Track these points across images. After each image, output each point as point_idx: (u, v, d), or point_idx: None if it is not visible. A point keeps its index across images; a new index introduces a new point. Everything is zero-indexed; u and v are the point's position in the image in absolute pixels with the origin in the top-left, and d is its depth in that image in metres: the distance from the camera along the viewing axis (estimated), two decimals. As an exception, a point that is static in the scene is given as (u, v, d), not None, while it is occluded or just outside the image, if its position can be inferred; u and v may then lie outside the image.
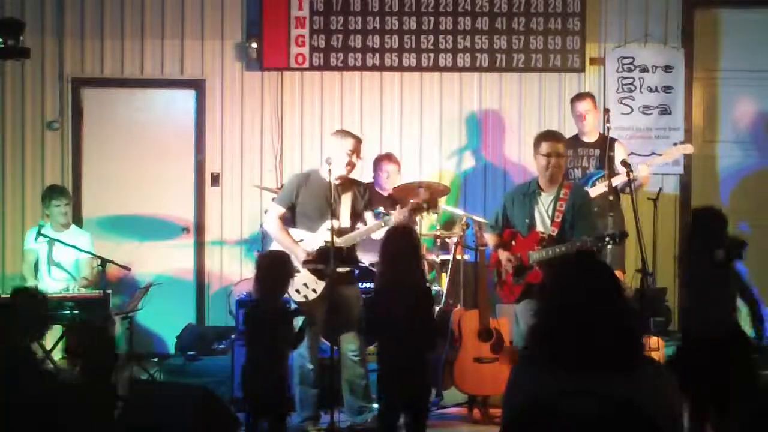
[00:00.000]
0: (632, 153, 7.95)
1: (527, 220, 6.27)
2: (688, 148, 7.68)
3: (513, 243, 6.30)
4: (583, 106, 7.62)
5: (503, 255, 6.30)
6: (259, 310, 5.44)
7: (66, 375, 6.59)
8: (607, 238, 5.95)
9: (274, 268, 5.51)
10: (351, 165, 6.32)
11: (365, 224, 6.38)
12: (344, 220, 6.29)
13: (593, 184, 7.14)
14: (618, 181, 7.10)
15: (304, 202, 6.33)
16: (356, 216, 6.38)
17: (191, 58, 8.51)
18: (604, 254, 6.53)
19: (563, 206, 6.20)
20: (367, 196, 6.48)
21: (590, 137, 7.58)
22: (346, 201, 6.31)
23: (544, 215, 6.27)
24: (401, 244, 5.35)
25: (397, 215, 6.18)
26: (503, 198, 6.71)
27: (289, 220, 6.47)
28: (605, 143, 7.35)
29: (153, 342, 8.32)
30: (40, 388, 4.39)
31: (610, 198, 6.91)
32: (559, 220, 6.19)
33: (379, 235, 6.44)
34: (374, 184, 7.98)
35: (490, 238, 6.51)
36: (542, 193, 6.30)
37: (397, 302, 5.20)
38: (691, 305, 5.31)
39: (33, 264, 7.57)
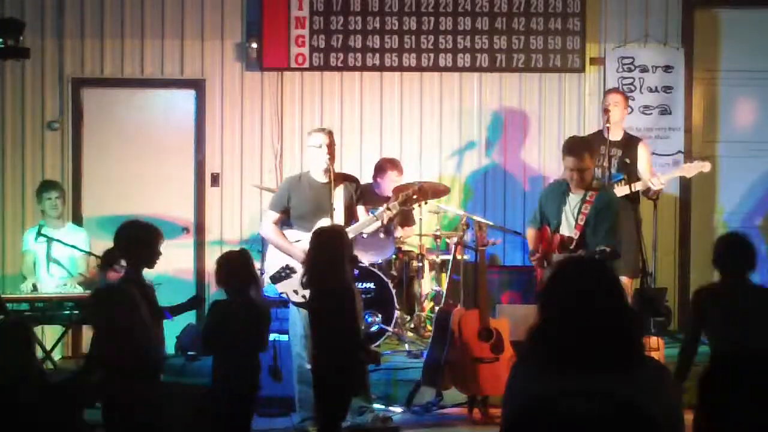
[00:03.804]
0: (654, 153, 7.95)
1: (555, 221, 6.42)
2: (707, 167, 7.36)
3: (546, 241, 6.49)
4: (612, 98, 7.37)
5: (532, 251, 6.53)
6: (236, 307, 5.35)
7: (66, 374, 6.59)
8: (597, 255, 5.98)
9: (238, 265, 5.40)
10: (332, 158, 6.33)
11: (358, 220, 6.41)
12: (338, 217, 6.31)
13: (612, 187, 7.08)
14: (636, 188, 7.04)
15: (297, 204, 6.38)
16: (350, 213, 6.41)
17: (191, 58, 8.51)
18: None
19: (588, 209, 6.28)
20: (359, 193, 6.51)
21: (615, 135, 7.32)
22: (338, 199, 6.34)
23: (570, 217, 6.36)
24: (323, 245, 5.35)
25: (387, 209, 6.26)
26: (540, 194, 6.88)
27: (286, 222, 6.51)
28: (629, 144, 7.29)
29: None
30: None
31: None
32: (581, 223, 6.26)
33: (371, 229, 6.49)
34: (374, 186, 7.98)
35: (529, 233, 6.69)
36: (571, 194, 6.40)
37: (318, 305, 5.23)
38: None
39: (32, 265, 7.57)
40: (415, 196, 6.40)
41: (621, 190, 7.01)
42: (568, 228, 6.35)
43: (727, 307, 5.28)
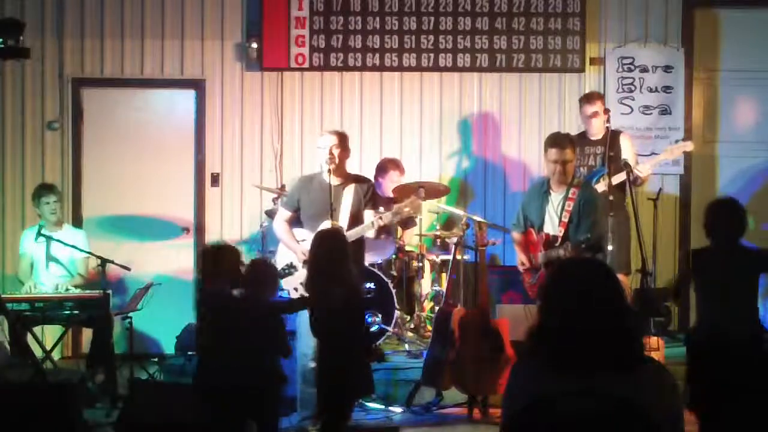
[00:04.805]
0: (638, 153, 7.97)
1: (539, 221, 6.48)
2: (689, 146, 7.59)
3: (532, 243, 6.54)
4: (594, 107, 7.41)
5: (519, 256, 6.58)
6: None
7: (66, 375, 6.60)
8: (582, 245, 6.10)
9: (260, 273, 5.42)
10: (332, 160, 6.35)
11: (361, 222, 6.43)
12: (343, 219, 6.32)
13: (597, 182, 7.12)
14: (618, 179, 7.08)
15: (306, 204, 6.42)
16: (357, 215, 6.41)
17: (191, 58, 8.51)
18: (606, 257, 6.57)
19: (571, 206, 6.38)
20: (370, 195, 6.51)
21: (597, 134, 7.42)
22: (346, 201, 6.35)
23: (553, 215, 6.45)
24: (324, 247, 5.34)
25: (379, 218, 6.32)
26: (523, 197, 6.95)
27: (298, 221, 6.58)
28: (611, 138, 7.33)
29: (153, 342, 8.32)
30: None
31: (611, 198, 6.90)
32: (565, 220, 6.36)
33: (372, 233, 6.51)
34: (375, 186, 7.98)
35: (515, 237, 6.76)
36: (552, 192, 6.48)
37: (324, 304, 5.22)
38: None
39: (28, 267, 7.55)
40: (407, 209, 6.43)
41: (599, 187, 6.99)
42: (551, 226, 6.44)
43: (718, 271, 5.36)
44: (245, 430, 5.17)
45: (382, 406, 6.50)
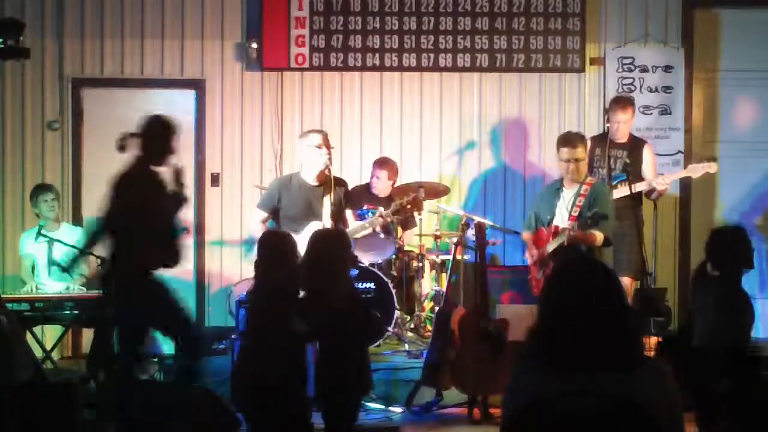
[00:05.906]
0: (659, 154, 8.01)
1: (549, 216, 6.62)
2: (713, 167, 7.44)
3: (541, 240, 6.66)
4: (623, 116, 7.32)
5: (528, 252, 6.75)
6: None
7: (66, 375, 6.60)
8: (588, 221, 6.22)
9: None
10: (331, 157, 6.36)
11: (346, 224, 6.44)
12: (326, 220, 6.33)
13: (615, 187, 7.12)
14: (638, 188, 7.06)
15: (286, 205, 6.41)
16: (338, 216, 6.42)
17: (191, 58, 8.51)
18: (615, 259, 6.60)
19: (582, 201, 6.51)
20: (347, 197, 6.53)
21: (621, 137, 7.37)
22: (327, 202, 6.36)
23: (563, 210, 6.58)
24: (321, 248, 5.32)
25: (379, 216, 6.30)
26: (534, 197, 7.16)
27: (276, 222, 6.53)
28: (634, 146, 7.32)
29: (153, 342, 8.31)
30: None
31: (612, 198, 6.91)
32: (575, 214, 6.50)
33: (363, 233, 6.50)
34: (370, 187, 7.99)
35: (525, 237, 6.89)
36: (564, 189, 6.63)
37: (324, 304, 5.20)
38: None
39: (30, 269, 7.55)
40: (408, 206, 6.45)
41: (620, 191, 7.03)
42: (561, 220, 6.56)
43: (711, 301, 5.30)
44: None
45: (382, 406, 6.49)
